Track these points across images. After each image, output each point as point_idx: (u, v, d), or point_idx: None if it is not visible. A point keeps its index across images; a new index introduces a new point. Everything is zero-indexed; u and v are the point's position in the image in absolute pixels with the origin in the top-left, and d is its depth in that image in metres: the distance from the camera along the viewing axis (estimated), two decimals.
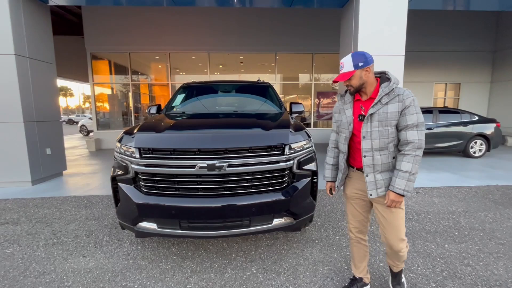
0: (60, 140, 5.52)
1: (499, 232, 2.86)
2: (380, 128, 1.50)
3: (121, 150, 2.22)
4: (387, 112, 1.48)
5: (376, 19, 4.70)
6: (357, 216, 1.78)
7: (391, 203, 1.50)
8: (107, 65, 9.93)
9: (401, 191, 1.46)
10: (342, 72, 1.53)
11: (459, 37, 10.17)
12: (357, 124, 1.59)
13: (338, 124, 1.74)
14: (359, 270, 1.89)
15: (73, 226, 3.11)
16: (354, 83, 1.53)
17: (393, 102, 1.48)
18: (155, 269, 2.25)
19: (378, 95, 1.51)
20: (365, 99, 1.60)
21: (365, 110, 1.56)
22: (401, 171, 1.46)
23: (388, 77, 1.56)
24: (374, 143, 1.52)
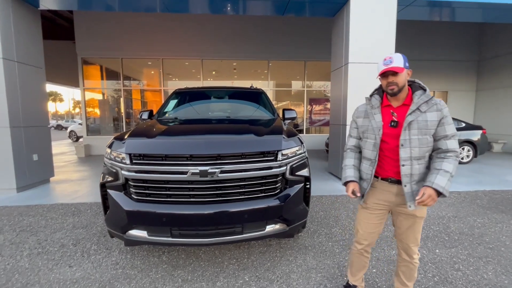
0: (48, 146, 5.38)
1: (487, 236, 2.91)
2: (420, 136, 1.46)
3: (111, 156, 2.17)
4: (426, 121, 1.45)
5: (366, 28, 4.83)
6: (371, 228, 1.70)
7: (428, 198, 1.38)
8: (98, 70, 9.82)
9: (441, 189, 1.39)
10: (394, 66, 1.44)
11: (445, 47, 10.52)
12: (388, 130, 1.54)
13: (364, 129, 1.64)
14: (355, 278, 1.87)
15: (59, 234, 3.00)
16: (400, 81, 1.47)
17: (431, 110, 1.46)
18: (145, 279, 2.18)
19: (415, 102, 1.48)
20: (396, 106, 1.55)
21: (398, 116, 1.52)
22: (442, 170, 1.42)
23: (421, 86, 1.55)
24: (414, 151, 1.47)
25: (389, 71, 1.46)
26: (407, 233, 1.62)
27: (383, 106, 1.60)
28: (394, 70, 1.45)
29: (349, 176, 1.67)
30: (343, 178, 1.70)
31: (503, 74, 9.79)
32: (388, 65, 1.45)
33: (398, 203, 1.59)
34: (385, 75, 1.49)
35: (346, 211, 3.64)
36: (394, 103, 1.56)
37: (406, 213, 1.59)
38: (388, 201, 1.62)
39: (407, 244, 1.64)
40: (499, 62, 9.92)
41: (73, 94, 65.80)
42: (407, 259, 1.68)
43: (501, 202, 4.04)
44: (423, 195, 1.39)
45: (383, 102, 1.60)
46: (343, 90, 5.09)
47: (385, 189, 1.61)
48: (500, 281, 2.13)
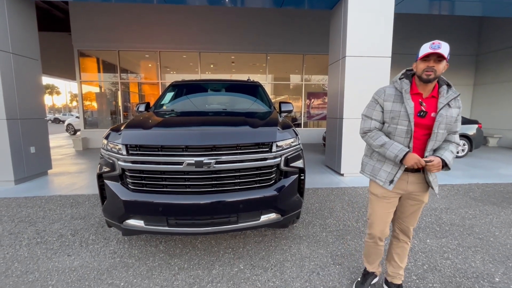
0: (45, 139, 5.38)
1: (477, 227, 2.98)
2: (444, 131, 1.53)
3: (108, 147, 2.20)
4: (452, 116, 1.52)
5: (364, 21, 4.81)
6: (386, 217, 1.73)
7: (438, 164, 1.48)
8: (95, 63, 9.74)
9: (448, 162, 1.51)
10: (440, 52, 1.40)
11: (444, 41, 10.47)
12: (416, 119, 1.52)
13: (395, 114, 1.55)
14: (373, 265, 1.94)
15: (57, 225, 3.05)
16: (439, 70, 1.45)
17: (455, 107, 1.53)
18: (142, 267, 2.24)
19: (445, 97, 1.51)
20: (425, 96, 1.54)
21: (427, 107, 1.52)
22: (449, 150, 1.55)
23: (445, 81, 1.58)
24: (436, 144, 1.55)
25: (434, 55, 1.42)
26: (411, 216, 1.73)
27: (412, 93, 1.56)
28: (441, 54, 1.41)
29: (404, 148, 1.53)
30: (398, 151, 1.52)
31: (501, 68, 9.81)
32: (436, 49, 1.41)
33: (412, 191, 1.65)
34: (428, 59, 1.45)
35: (341, 203, 3.70)
36: (423, 93, 1.54)
37: (416, 200, 1.67)
38: (404, 190, 1.66)
39: (407, 226, 1.76)
40: (497, 56, 9.92)
41: (70, 87, 65.23)
42: (404, 239, 1.80)
43: (493, 194, 4.11)
44: (434, 161, 1.48)
45: (412, 89, 1.56)
46: (340, 84, 5.10)
47: (402, 178, 1.63)
48: (487, 269, 2.20)
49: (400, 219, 1.77)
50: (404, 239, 1.80)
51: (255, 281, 2.05)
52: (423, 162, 1.50)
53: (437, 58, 1.43)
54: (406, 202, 1.71)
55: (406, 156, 1.51)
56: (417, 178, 1.63)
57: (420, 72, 1.48)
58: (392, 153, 1.54)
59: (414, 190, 1.64)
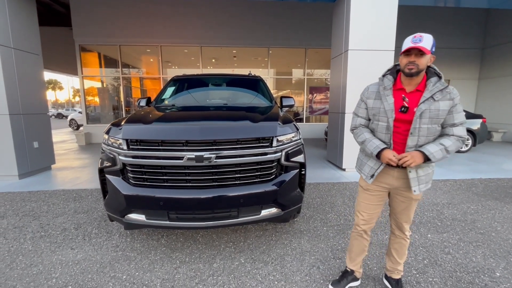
0: (48, 134, 5.41)
1: (479, 222, 2.97)
2: (429, 125, 1.46)
3: (109, 142, 2.20)
4: (438, 110, 1.43)
5: (367, 14, 4.74)
6: (371, 209, 1.74)
7: (411, 157, 1.42)
8: (96, 58, 9.72)
9: (428, 152, 1.42)
10: (421, 46, 1.37)
11: (449, 34, 10.32)
12: (398, 115, 1.50)
13: (375, 111, 1.58)
14: (354, 263, 1.90)
15: (61, 219, 3.08)
16: (422, 64, 1.41)
17: (444, 99, 1.44)
18: (144, 260, 2.26)
19: (430, 90, 1.45)
20: (409, 90, 1.51)
21: (410, 102, 1.48)
22: (438, 142, 1.47)
23: (436, 73, 1.50)
24: (421, 140, 1.48)
25: (415, 49, 1.39)
26: (402, 213, 1.70)
27: (395, 88, 1.55)
28: (421, 49, 1.37)
29: (381, 144, 1.55)
30: (374, 149, 1.55)
31: (507, 62, 9.63)
32: (417, 43, 1.38)
33: (398, 186, 1.63)
34: (409, 53, 1.42)
35: (342, 198, 3.70)
36: (407, 87, 1.51)
37: (404, 196, 1.65)
38: (389, 184, 1.64)
39: (401, 222, 1.74)
40: (504, 50, 9.74)
41: (73, 82, 65.36)
42: (400, 235, 1.78)
43: (496, 190, 4.08)
44: (410, 154, 1.43)
45: (396, 85, 1.55)
46: (342, 78, 5.05)
47: (386, 172, 1.63)
48: (488, 264, 2.20)
49: (394, 214, 1.76)
50: (400, 235, 1.78)
51: (256, 275, 2.07)
52: (395, 160, 1.47)
53: (419, 52, 1.40)
54: (395, 197, 1.70)
55: (381, 153, 1.53)
56: (402, 174, 1.58)
57: (403, 66, 1.46)
58: (369, 150, 1.60)
59: (400, 186, 1.62)
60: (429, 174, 1.58)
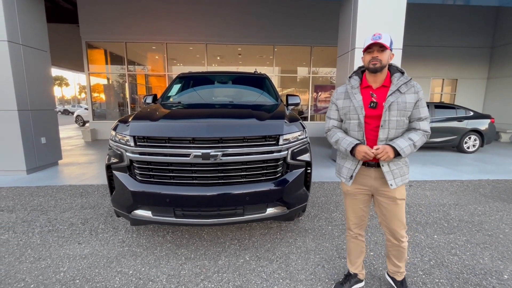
0: (55, 130, 5.48)
1: (487, 224, 2.93)
2: (398, 118, 1.51)
3: (116, 138, 2.22)
4: (405, 102, 1.49)
5: (375, 12, 4.68)
6: (358, 211, 1.75)
7: (383, 151, 1.45)
8: (102, 55, 9.79)
9: (399, 148, 1.46)
10: (382, 41, 1.44)
11: (458, 32, 10.16)
12: (368, 111, 1.55)
13: (346, 111, 1.63)
14: (355, 266, 1.89)
15: (68, 214, 3.13)
16: (384, 59, 1.47)
17: (409, 92, 1.50)
18: (150, 256, 2.28)
19: (395, 83, 1.51)
20: (376, 87, 1.57)
21: (378, 97, 1.53)
22: (407, 137, 1.51)
23: (398, 69, 1.57)
24: (391, 132, 1.52)
25: (376, 45, 1.47)
26: (391, 218, 1.65)
27: (362, 87, 1.61)
28: (382, 44, 1.45)
29: (354, 140, 1.57)
30: (347, 145, 1.57)
31: None
32: (377, 40, 1.46)
33: (378, 186, 1.62)
34: (371, 50, 1.50)
35: None
36: (373, 84, 1.57)
37: (386, 197, 1.62)
38: (369, 185, 1.65)
39: (394, 229, 1.67)
40: None
41: (79, 78, 65.93)
42: (396, 243, 1.71)
43: (504, 191, 4.02)
44: (382, 149, 1.47)
45: (362, 83, 1.61)
46: (348, 76, 5.00)
47: (364, 173, 1.64)
48: (496, 266, 2.17)
49: (384, 222, 1.70)
50: (395, 242, 1.70)
51: (261, 273, 2.07)
52: (370, 152, 1.49)
53: (380, 48, 1.47)
54: (379, 201, 1.66)
55: (355, 149, 1.54)
56: (380, 173, 1.59)
57: (367, 63, 1.53)
58: (343, 147, 1.62)
59: (380, 186, 1.61)
60: (402, 168, 1.58)
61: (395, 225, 1.66)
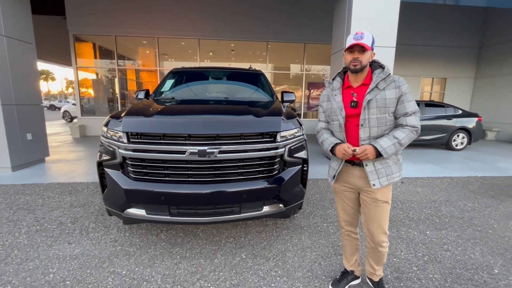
0: (42, 125, 5.28)
1: (476, 219, 3.01)
2: (379, 115, 1.47)
3: (108, 135, 2.15)
4: (385, 99, 1.45)
5: (370, 10, 4.69)
6: (347, 209, 1.75)
7: (363, 151, 1.43)
8: (91, 48, 9.49)
9: (381, 148, 1.43)
10: (364, 42, 1.41)
11: (447, 32, 10.35)
12: (349, 111, 1.54)
13: (328, 113, 1.65)
14: (351, 263, 1.88)
15: (57, 213, 3.02)
16: (364, 60, 1.45)
17: (389, 88, 1.46)
18: (144, 255, 2.23)
19: (374, 80, 1.48)
20: (356, 86, 1.55)
21: (358, 96, 1.52)
22: (392, 135, 1.47)
23: (380, 65, 1.55)
24: (372, 131, 1.49)
25: (357, 46, 1.44)
26: (370, 219, 1.61)
27: (344, 88, 1.61)
28: (363, 45, 1.42)
29: (335, 140, 1.59)
30: (328, 145, 1.60)
31: (503, 62, 9.72)
32: (359, 40, 1.42)
33: (362, 186, 1.60)
34: (352, 50, 1.46)
35: None
36: (354, 84, 1.56)
37: (369, 197, 1.59)
38: (353, 184, 1.63)
39: (372, 231, 1.62)
40: (500, 49, 9.81)
41: (66, 73, 63.95)
42: (374, 246, 1.66)
43: (491, 187, 4.14)
44: (362, 149, 1.44)
45: (344, 84, 1.61)
46: None
47: (349, 171, 1.63)
48: (486, 261, 2.23)
49: (364, 222, 1.66)
50: (372, 244, 1.66)
51: (257, 271, 2.05)
52: (349, 150, 1.48)
53: (361, 49, 1.44)
54: (363, 200, 1.63)
55: (335, 149, 1.56)
56: (364, 173, 1.56)
57: (348, 63, 1.50)
58: (325, 147, 1.65)
59: (363, 185, 1.59)
60: (390, 167, 1.53)
61: (374, 228, 1.61)
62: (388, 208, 1.60)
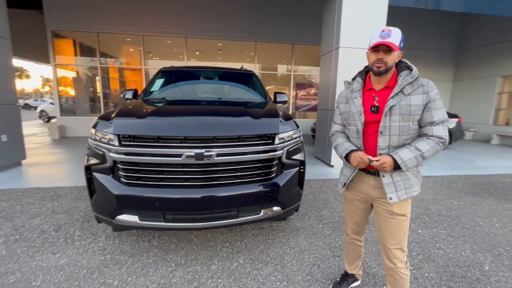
0: (18, 126, 4.95)
1: (463, 217, 3.11)
2: (401, 123, 1.32)
3: (96, 137, 2.02)
4: (410, 105, 1.30)
5: (359, 12, 4.76)
6: (355, 218, 1.67)
7: (381, 163, 1.30)
8: (71, 45, 9.04)
9: (400, 161, 1.28)
10: (390, 41, 1.27)
11: (427, 36, 10.76)
12: (369, 116, 1.40)
13: (346, 116, 1.51)
14: (352, 267, 1.86)
15: (38, 220, 2.82)
16: (390, 61, 1.31)
17: (416, 93, 1.30)
18: (136, 264, 2.12)
19: (399, 84, 1.32)
20: (379, 89, 1.40)
21: (380, 101, 1.37)
22: (414, 146, 1.32)
23: (408, 66, 1.39)
24: (393, 139, 1.34)
25: (383, 45, 1.30)
26: (385, 233, 1.47)
27: (365, 90, 1.47)
28: (389, 45, 1.27)
29: (350, 146, 1.47)
30: (343, 151, 1.49)
31: (479, 65, 10.24)
32: (385, 38, 1.28)
33: (376, 196, 1.48)
34: (377, 50, 1.32)
35: (334, 194, 3.73)
36: (376, 86, 1.42)
37: (384, 209, 1.46)
38: (366, 194, 1.52)
39: (387, 246, 1.47)
40: (477, 53, 10.32)
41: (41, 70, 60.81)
42: (390, 266, 1.48)
43: (473, 186, 4.32)
44: (381, 160, 1.31)
45: (366, 86, 1.47)
46: (332, 75, 5.07)
47: (362, 180, 1.52)
48: (477, 257, 2.30)
49: (380, 234, 1.51)
50: (390, 264, 1.48)
51: (257, 276, 2.01)
52: (365, 158, 1.36)
53: (387, 48, 1.30)
54: (377, 211, 1.51)
55: (350, 155, 1.45)
56: (379, 183, 1.43)
57: (371, 64, 1.37)
58: (339, 153, 1.54)
59: (378, 196, 1.46)
60: (409, 179, 1.39)
61: (388, 243, 1.46)
62: (406, 222, 1.44)
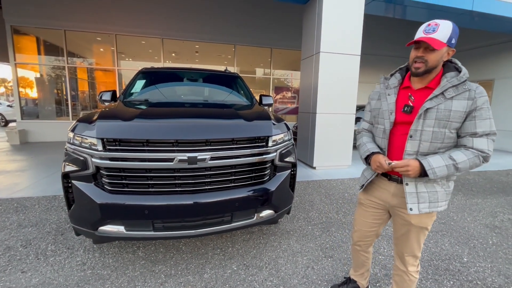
0: None
1: (439, 213, 3.32)
2: (436, 129, 1.17)
3: (75, 141, 1.85)
4: (450, 110, 1.14)
5: (338, 18, 4.94)
6: (366, 226, 1.54)
7: (404, 165, 1.18)
8: (34, 43, 8.32)
9: (428, 167, 1.14)
10: (434, 37, 1.11)
11: (395, 43, 11.49)
12: (400, 116, 1.26)
13: (375, 113, 1.40)
14: (356, 273, 1.78)
15: (1, 235, 2.52)
16: (432, 61, 1.15)
17: (460, 98, 1.14)
18: (121, 278, 1.96)
19: (442, 85, 1.17)
20: (417, 88, 1.26)
21: (415, 101, 1.23)
22: (448, 154, 1.17)
23: (457, 67, 1.21)
24: (423, 146, 1.20)
25: (424, 42, 1.14)
26: (401, 239, 1.42)
27: (401, 87, 1.33)
28: (430, 44, 1.11)
29: (372, 148, 1.36)
30: (364, 152, 1.40)
31: None
32: (429, 34, 1.12)
33: (395, 205, 1.38)
34: (418, 46, 1.17)
35: (319, 196, 3.79)
36: (415, 85, 1.27)
37: (402, 218, 1.37)
38: (385, 201, 1.42)
39: (401, 251, 1.45)
40: None
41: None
42: (400, 267, 1.47)
43: None
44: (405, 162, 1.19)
45: (404, 83, 1.33)
46: (313, 79, 5.19)
47: (382, 186, 1.41)
48: (455, 251, 2.46)
49: (395, 239, 1.48)
50: (400, 266, 1.47)
51: (252, 282, 1.95)
52: (385, 164, 1.24)
53: (429, 45, 1.14)
54: (395, 219, 1.44)
55: (371, 158, 1.35)
56: (401, 191, 1.32)
57: (410, 62, 1.24)
58: (360, 153, 1.46)
59: (398, 205, 1.36)
60: (437, 192, 1.24)
61: (403, 249, 1.43)
62: (424, 234, 1.36)
